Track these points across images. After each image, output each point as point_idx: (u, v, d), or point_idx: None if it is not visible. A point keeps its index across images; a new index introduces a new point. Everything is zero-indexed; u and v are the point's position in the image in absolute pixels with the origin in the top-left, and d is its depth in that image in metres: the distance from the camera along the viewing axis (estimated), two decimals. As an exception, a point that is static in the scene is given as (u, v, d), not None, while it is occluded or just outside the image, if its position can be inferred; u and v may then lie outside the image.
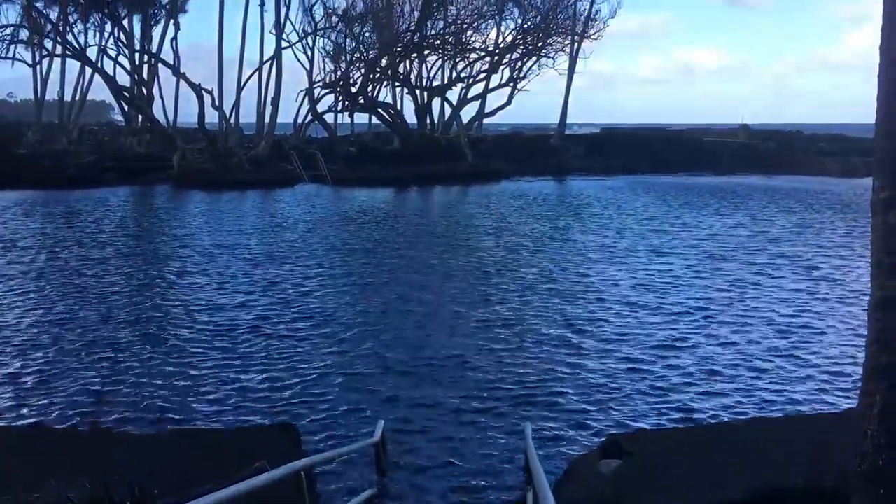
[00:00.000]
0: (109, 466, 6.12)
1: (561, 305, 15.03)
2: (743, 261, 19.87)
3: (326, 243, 23.10)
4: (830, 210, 32.42)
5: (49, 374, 10.82)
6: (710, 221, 28.26)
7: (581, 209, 32.86)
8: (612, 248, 21.79)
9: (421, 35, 54.33)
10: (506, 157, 52.70)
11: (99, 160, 45.59)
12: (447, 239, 24.21)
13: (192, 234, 24.60)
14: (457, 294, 16.12)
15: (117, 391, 10.19)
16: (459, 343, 12.48)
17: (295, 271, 18.43)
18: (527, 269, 18.96)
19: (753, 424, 8.08)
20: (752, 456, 6.31)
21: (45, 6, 50.53)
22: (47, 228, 25.78)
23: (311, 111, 52.81)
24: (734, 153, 57.70)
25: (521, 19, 57.76)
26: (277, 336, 12.82)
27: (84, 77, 55.53)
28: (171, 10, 49.94)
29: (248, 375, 10.84)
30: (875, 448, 4.82)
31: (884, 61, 4.71)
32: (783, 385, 10.47)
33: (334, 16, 53.80)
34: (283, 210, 32.42)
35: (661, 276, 17.87)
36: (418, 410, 9.58)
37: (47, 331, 13.08)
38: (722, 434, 7.45)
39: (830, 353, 11.95)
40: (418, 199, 39.89)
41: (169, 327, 13.37)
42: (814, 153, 56.69)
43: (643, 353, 11.91)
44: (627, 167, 53.38)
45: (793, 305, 15.07)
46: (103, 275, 17.97)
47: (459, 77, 58.24)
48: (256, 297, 15.67)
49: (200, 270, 18.57)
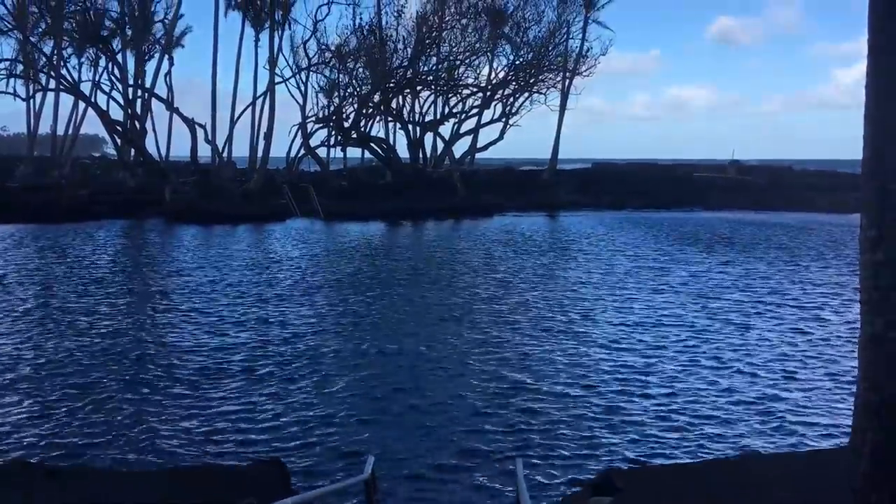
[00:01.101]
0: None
1: (550, 343, 15.00)
2: (732, 300, 19.90)
3: (316, 279, 23.06)
4: (822, 247, 32.61)
5: (31, 411, 10.69)
6: (697, 259, 28.36)
7: (570, 245, 32.97)
8: (599, 286, 21.68)
9: (414, 71, 54.86)
10: (498, 191, 52.97)
11: (91, 194, 45.53)
12: (437, 276, 24.19)
13: (182, 270, 24.52)
14: (447, 332, 16.09)
15: (102, 428, 10.06)
16: (449, 380, 12.42)
17: (284, 308, 18.33)
18: (516, 307, 18.94)
19: (747, 460, 8.04)
20: (747, 492, 6.27)
21: (39, 40, 50.90)
22: (37, 263, 25.65)
23: (304, 146, 53.08)
24: (724, 189, 58.10)
25: (514, 56, 58.63)
26: (265, 373, 12.72)
27: (77, 111, 55.88)
28: (165, 46, 50.33)
29: (236, 412, 10.74)
30: (867, 484, 4.80)
31: (869, 100, 4.78)
32: (771, 424, 10.44)
33: (328, 52, 54.37)
34: (275, 245, 32.38)
35: (650, 315, 17.85)
36: (409, 446, 9.50)
37: (31, 368, 12.95)
38: (715, 470, 7.40)
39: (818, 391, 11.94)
40: (410, 234, 39.95)
41: (155, 365, 13.23)
42: (804, 188, 57.12)
43: (632, 389, 11.87)
44: (618, 203, 53.68)
45: (788, 347, 15.07)
46: (89, 312, 17.80)
47: (452, 112, 58.82)
48: (245, 334, 15.58)
49: (188, 307, 18.46)
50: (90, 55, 54.93)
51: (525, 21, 57.26)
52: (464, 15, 55.82)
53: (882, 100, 4.69)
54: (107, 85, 50.11)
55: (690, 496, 6.38)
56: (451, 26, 55.77)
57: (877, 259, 4.64)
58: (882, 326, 4.64)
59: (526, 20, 57.25)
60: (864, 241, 4.74)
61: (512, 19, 57.60)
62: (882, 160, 4.67)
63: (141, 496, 6.59)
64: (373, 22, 54.13)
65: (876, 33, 4.73)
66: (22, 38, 49.75)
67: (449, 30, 55.74)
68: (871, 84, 4.78)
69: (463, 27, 55.71)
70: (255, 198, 46.06)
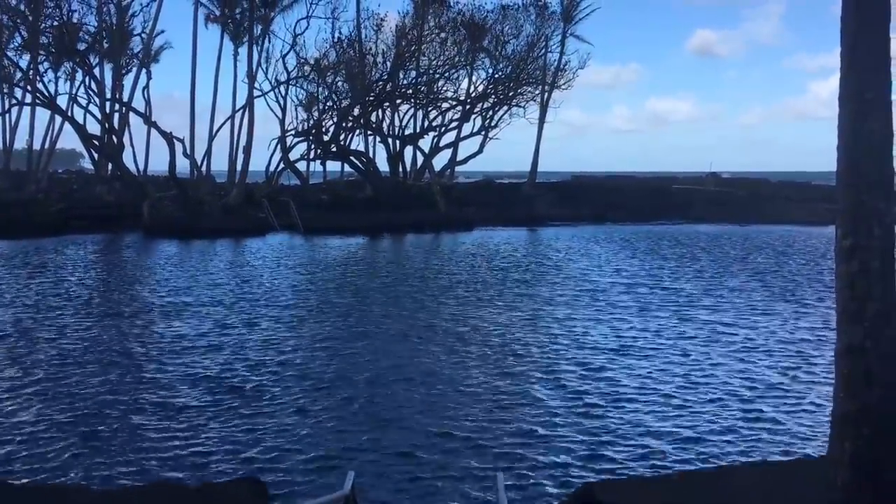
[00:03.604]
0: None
1: (531, 359, 15.02)
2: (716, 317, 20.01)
3: (296, 295, 22.92)
4: (799, 257, 32.96)
5: (5, 430, 10.54)
6: (671, 266, 28.54)
7: (549, 259, 33.07)
8: (576, 303, 21.61)
9: (393, 84, 54.96)
10: (478, 205, 53.05)
11: (68, 208, 45.12)
12: (416, 291, 24.13)
13: (159, 286, 24.28)
14: (427, 348, 16.06)
15: (80, 447, 9.92)
16: (429, 394, 12.37)
17: (262, 324, 18.16)
18: (497, 323, 18.94)
19: (727, 471, 8.06)
20: (727, 502, 6.28)
21: (15, 54, 50.50)
22: (9, 280, 25.30)
23: (284, 159, 52.91)
24: (703, 200, 58.56)
25: (493, 69, 58.91)
26: (243, 390, 12.57)
27: (54, 125, 55.46)
28: (143, 60, 50.07)
29: (213, 430, 10.61)
30: (845, 494, 4.82)
31: (843, 114, 4.83)
32: (756, 433, 10.49)
33: (307, 65, 54.34)
34: (254, 260, 32.14)
35: (629, 332, 17.92)
36: (389, 461, 9.44)
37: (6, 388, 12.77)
38: (696, 482, 7.41)
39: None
40: (390, 248, 39.85)
41: (131, 382, 13.05)
42: (781, 200, 57.66)
43: (612, 403, 11.88)
44: (598, 215, 53.90)
45: (770, 357, 15.17)
46: (63, 328, 17.54)
47: (431, 126, 58.93)
48: (222, 351, 15.40)
49: (165, 324, 18.25)
50: (67, 69, 54.65)
51: (504, 35, 57.69)
52: (443, 28, 56.12)
53: (856, 113, 4.74)
54: (84, 99, 49.81)
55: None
56: (431, 40, 56.03)
57: (852, 269, 4.68)
58: (859, 336, 4.68)
59: (505, 34, 57.70)
60: (840, 252, 4.78)
61: (491, 33, 57.94)
62: (857, 172, 4.72)
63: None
64: (352, 35, 54.32)
65: (848, 49, 4.78)
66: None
67: (428, 43, 56.00)
68: (844, 97, 4.83)
69: (442, 41, 56.01)
70: (234, 212, 45.82)
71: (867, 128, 4.68)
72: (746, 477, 7.30)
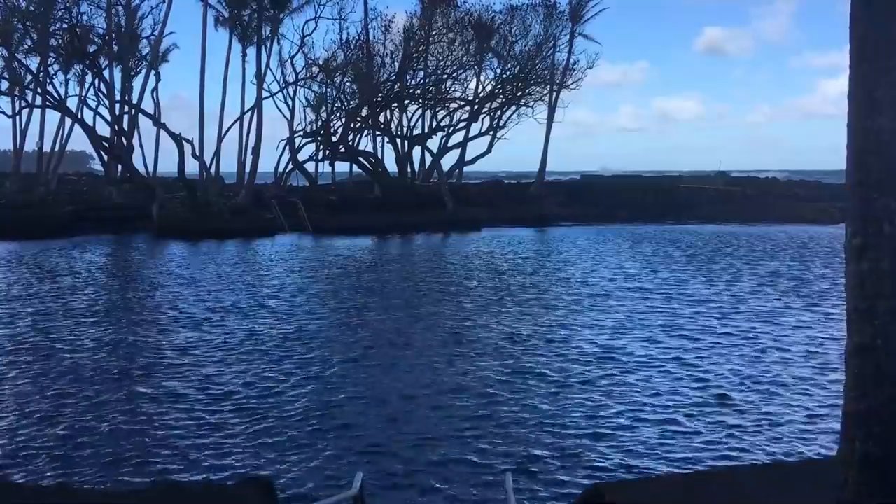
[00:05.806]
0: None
1: (539, 359, 14.98)
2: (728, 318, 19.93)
3: (305, 295, 22.96)
4: (815, 258, 32.80)
5: (12, 430, 10.57)
6: (683, 276, 28.44)
7: (557, 259, 33.02)
8: (583, 304, 21.56)
9: (401, 85, 54.98)
10: (486, 205, 53.03)
11: (77, 210, 45.35)
12: (426, 291, 24.14)
13: (167, 287, 24.36)
14: (434, 349, 16.04)
15: (85, 446, 9.94)
16: (437, 397, 12.35)
17: (269, 325, 18.19)
18: (502, 325, 18.90)
19: (736, 471, 8.01)
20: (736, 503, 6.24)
21: (25, 57, 50.79)
22: (21, 281, 25.42)
23: (292, 160, 53.03)
24: (711, 200, 58.38)
25: (501, 69, 58.87)
26: (251, 391, 12.58)
27: (64, 127, 55.74)
28: (151, 61, 50.23)
29: (220, 431, 10.62)
30: (855, 495, 4.78)
31: (852, 111, 4.79)
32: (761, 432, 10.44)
33: (315, 66, 54.42)
34: (263, 261, 32.22)
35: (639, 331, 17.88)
36: (397, 462, 9.43)
37: (12, 386, 12.82)
38: (705, 483, 7.37)
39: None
40: (399, 248, 39.88)
41: (137, 383, 13.08)
42: (790, 199, 57.44)
43: (623, 404, 11.85)
44: (606, 215, 53.78)
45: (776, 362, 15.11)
46: (72, 330, 17.61)
47: (440, 126, 58.91)
48: (230, 351, 15.43)
49: (173, 324, 18.31)
50: (77, 71, 54.94)
51: (512, 35, 57.68)
52: (451, 29, 56.08)
53: (865, 110, 4.70)
54: (93, 101, 50.12)
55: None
56: (438, 40, 56.02)
57: (862, 268, 4.64)
58: (869, 335, 4.63)
59: (513, 34, 57.70)
60: (850, 251, 4.74)
61: (499, 33, 57.97)
62: (866, 170, 4.67)
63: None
64: (360, 36, 54.36)
65: (857, 46, 4.74)
66: (7, 54, 49.59)
67: (436, 44, 55.98)
68: (853, 94, 4.79)
69: (450, 41, 55.98)
70: (243, 213, 45.94)
71: (876, 125, 4.63)
72: (755, 477, 7.25)
